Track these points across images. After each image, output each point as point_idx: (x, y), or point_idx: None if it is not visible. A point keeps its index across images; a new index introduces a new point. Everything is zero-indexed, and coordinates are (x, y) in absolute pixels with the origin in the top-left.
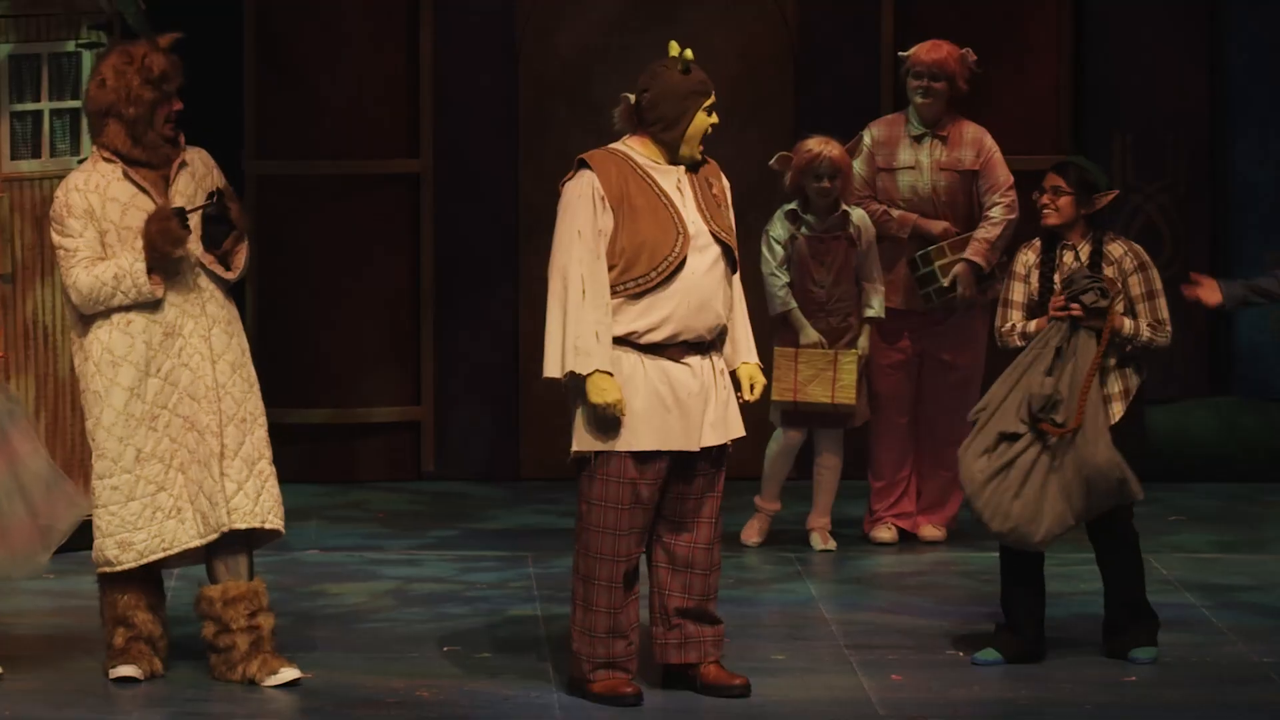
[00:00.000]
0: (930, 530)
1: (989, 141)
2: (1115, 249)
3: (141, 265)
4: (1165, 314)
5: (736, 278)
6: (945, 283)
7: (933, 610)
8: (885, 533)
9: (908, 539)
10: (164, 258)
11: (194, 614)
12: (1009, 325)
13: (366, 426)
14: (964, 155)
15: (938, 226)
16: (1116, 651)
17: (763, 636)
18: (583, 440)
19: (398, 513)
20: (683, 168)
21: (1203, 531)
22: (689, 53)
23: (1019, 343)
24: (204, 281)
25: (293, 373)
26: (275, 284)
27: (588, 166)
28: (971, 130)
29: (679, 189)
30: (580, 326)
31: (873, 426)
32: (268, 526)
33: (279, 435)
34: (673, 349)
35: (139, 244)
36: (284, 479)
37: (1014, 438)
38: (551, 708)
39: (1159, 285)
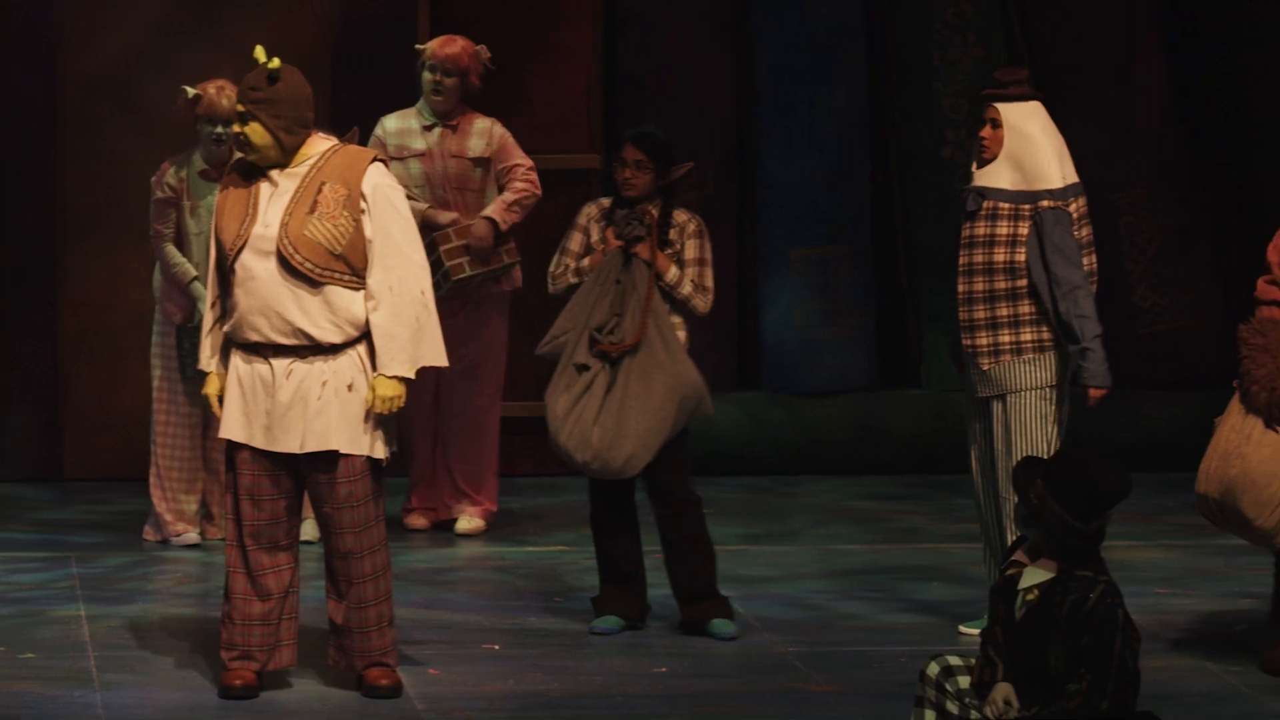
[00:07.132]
0: (466, 522)
1: (499, 129)
2: (680, 215)
3: None
4: (709, 282)
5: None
6: (449, 267)
7: (469, 605)
8: (419, 520)
9: (444, 529)
10: None
11: None
12: (562, 268)
13: None
14: (474, 144)
15: (446, 217)
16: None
17: None
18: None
19: None
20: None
21: (731, 524)
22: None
23: (573, 279)
24: None
25: None
26: None
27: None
28: (482, 121)
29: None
30: None
31: (405, 420)
32: None
33: None
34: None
35: None
36: None
37: (586, 368)
38: (94, 707)
39: (709, 255)
